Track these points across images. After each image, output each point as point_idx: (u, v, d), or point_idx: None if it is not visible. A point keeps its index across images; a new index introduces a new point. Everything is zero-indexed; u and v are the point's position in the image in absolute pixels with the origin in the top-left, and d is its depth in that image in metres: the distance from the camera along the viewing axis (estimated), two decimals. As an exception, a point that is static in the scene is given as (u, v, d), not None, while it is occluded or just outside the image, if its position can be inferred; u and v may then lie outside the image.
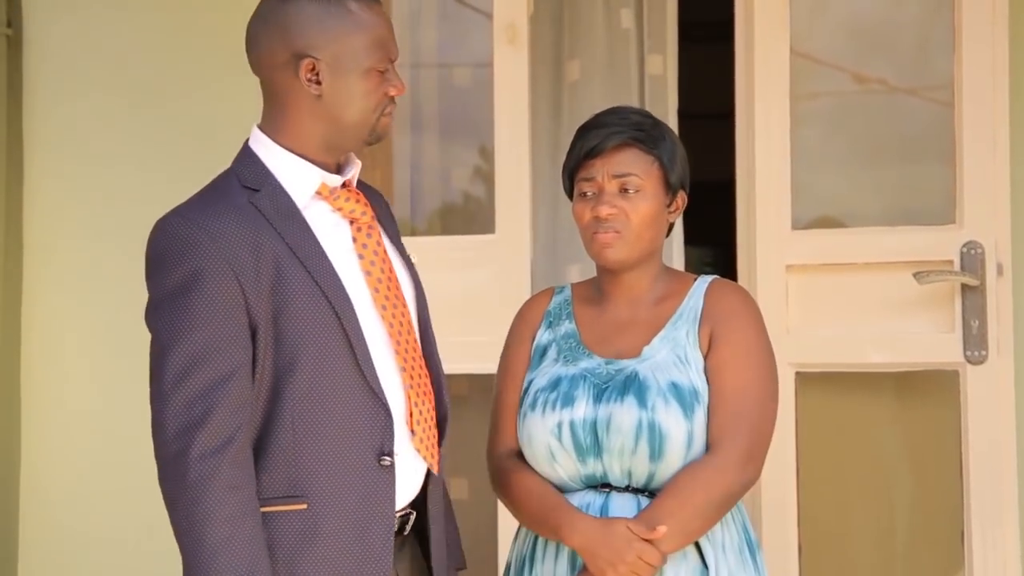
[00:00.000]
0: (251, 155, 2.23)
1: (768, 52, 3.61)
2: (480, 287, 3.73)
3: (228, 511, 2.05)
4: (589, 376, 2.48)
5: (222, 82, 3.94)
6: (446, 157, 4.25)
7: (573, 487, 2.47)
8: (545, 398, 2.48)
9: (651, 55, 3.98)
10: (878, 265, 3.53)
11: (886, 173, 3.83)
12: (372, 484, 2.17)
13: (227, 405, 2.07)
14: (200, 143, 3.95)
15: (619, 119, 2.53)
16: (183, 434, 2.05)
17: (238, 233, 2.11)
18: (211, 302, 2.07)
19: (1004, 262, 3.43)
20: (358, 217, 2.26)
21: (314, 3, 2.18)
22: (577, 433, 2.44)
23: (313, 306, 2.14)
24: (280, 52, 2.19)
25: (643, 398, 2.41)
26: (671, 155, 2.53)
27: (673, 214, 2.56)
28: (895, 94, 3.88)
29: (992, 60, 3.44)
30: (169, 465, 2.07)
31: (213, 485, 2.04)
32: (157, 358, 2.10)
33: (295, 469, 2.13)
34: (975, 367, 3.43)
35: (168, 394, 2.07)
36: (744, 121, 3.67)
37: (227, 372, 2.07)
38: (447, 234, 4.22)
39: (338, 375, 2.15)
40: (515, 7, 3.74)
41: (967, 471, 3.43)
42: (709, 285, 2.55)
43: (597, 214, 2.48)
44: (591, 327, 2.56)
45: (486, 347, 3.68)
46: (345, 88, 2.19)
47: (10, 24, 4.06)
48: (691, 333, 2.48)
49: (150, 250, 2.15)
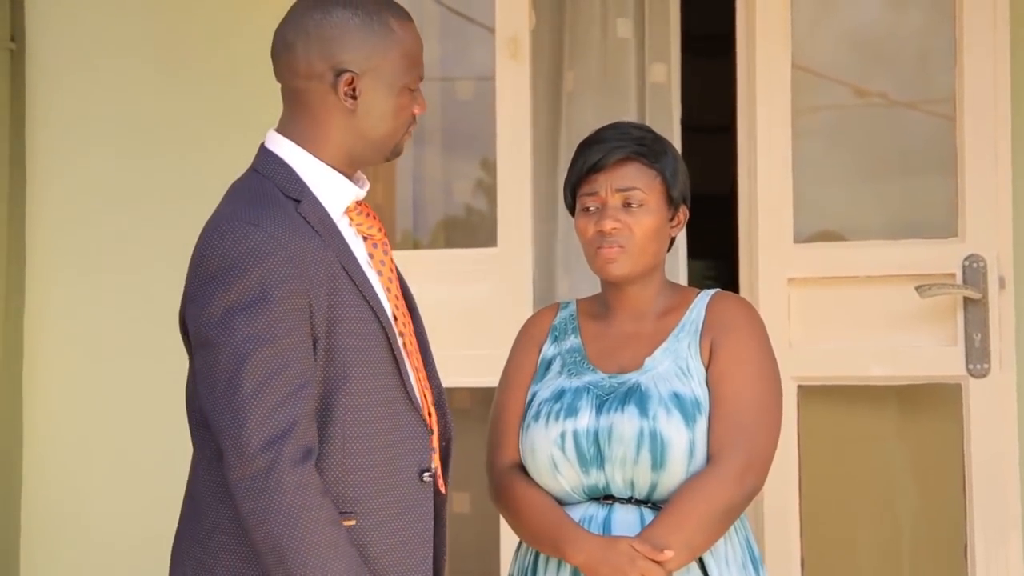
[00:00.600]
0: (280, 163, 2.18)
1: (769, 65, 3.62)
2: (482, 300, 3.73)
3: (328, 515, 2.03)
4: (592, 388, 2.48)
5: (223, 98, 3.94)
6: (448, 170, 4.25)
7: (576, 499, 2.47)
8: (548, 409, 2.49)
9: (654, 64, 3.98)
10: (880, 278, 3.53)
11: (888, 186, 3.83)
12: (414, 501, 2.17)
13: (307, 414, 2.04)
14: (200, 158, 3.96)
15: (620, 134, 2.53)
16: (271, 445, 1.99)
17: (301, 243, 2.07)
18: (286, 311, 2.03)
19: (1006, 275, 3.43)
20: (373, 234, 2.24)
21: (357, 17, 2.15)
22: (580, 443, 2.44)
23: (363, 320, 2.13)
24: (318, 64, 2.15)
25: (644, 407, 2.41)
26: (673, 170, 2.53)
27: (675, 228, 2.57)
28: (896, 107, 3.88)
29: (993, 73, 3.45)
30: (258, 478, 2.00)
31: (310, 491, 2.01)
32: (230, 368, 2.01)
33: (344, 484, 2.10)
34: (977, 380, 3.42)
35: (248, 405, 2.00)
36: (746, 134, 3.68)
37: (303, 382, 2.04)
38: (449, 247, 4.22)
39: (385, 390, 2.14)
40: (517, 21, 3.75)
41: (970, 484, 3.43)
42: (711, 298, 2.55)
43: (601, 228, 2.48)
44: (596, 342, 2.57)
45: (488, 360, 3.68)
46: (379, 105, 2.18)
47: (13, 39, 4.07)
48: (692, 344, 2.48)
49: (211, 255, 2.06)
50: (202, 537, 2.13)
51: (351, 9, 2.16)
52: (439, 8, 4.24)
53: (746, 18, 3.68)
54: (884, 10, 3.91)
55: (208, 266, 2.06)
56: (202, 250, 2.08)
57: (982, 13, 3.46)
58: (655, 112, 3.98)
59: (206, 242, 2.08)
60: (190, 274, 2.11)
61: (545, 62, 4.08)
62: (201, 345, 2.07)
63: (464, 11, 4.24)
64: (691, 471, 2.40)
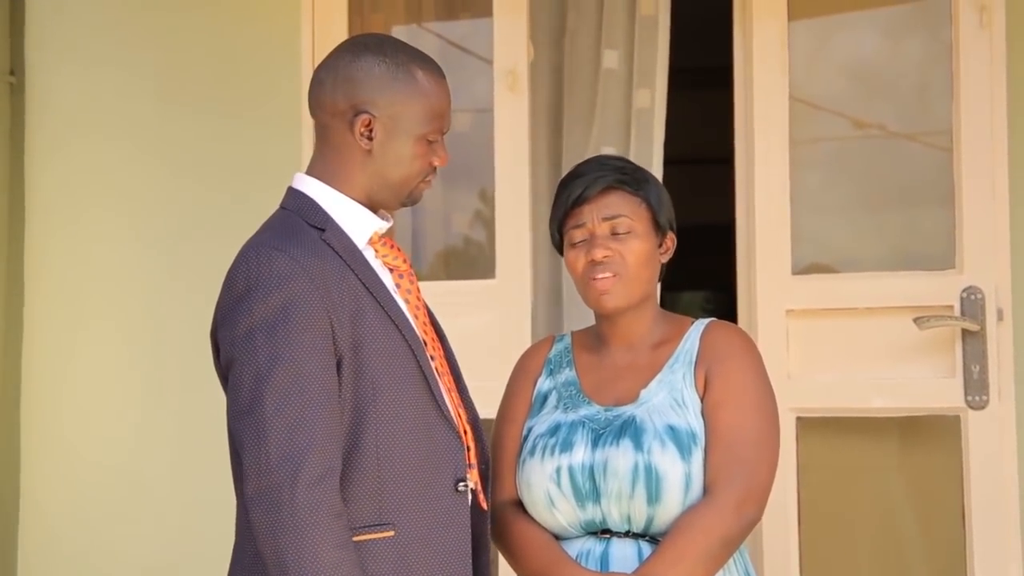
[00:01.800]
0: (305, 198, 2.28)
1: (767, 97, 3.63)
2: (481, 332, 3.73)
3: (337, 538, 2.07)
4: (588, 422, 2.47)
5: (224, 125, 3.96)
6: (447, 202, 4.25)
7: (573, 534, 2.46)
8: (544, 443, 2.48)
9: (639, 90, 3.98)
10: (878, 310, 3.53)
11: (886, 218, 3.83)
12: (451, 510, 2.23)
13: (328, 433, 2.10)
14: (201, 190, 3.98)
15: (600, 165, 2.55)
16: (288, 461, 2.05)
17: (323, 267, 2.17)
18: (308, 330, 2.11)
19: (1004, 307, 3.43)
20: (398, 265, 2.33)
21: (383, 64, 2.26)
22: (576, 478, 2.43)
23: (390, 339, 2.20)
24: (341, 102, 2.26)
25: (639, 441, 2.40)
26: (657, 196, 2.54)
27: (664, 255, 2.57)
28: (894, 139, 3.89)
29: (991, 106, 3.46)
30: (272, 492, 2.05)
31: (323, 512, 2.06)
32: (252, 386, 2.09)
33: (380, 497, 2.16)
34: (976, 412, 3.42)
35: (269, 421, 2.07)
36: (744, 166, 3.69)
37: (324, 399, 2.11)
38: (448, 279, 4.22)
39: (416, 403, 2.22)
40: (515, 54, 3.77)
41: (969, 516, 3.42)
42: (706, 327, 2.55)
43: (592, 257, 2.48)
44: (591, 374, 2.56)
45: (486, 392, 3.66)
46: (394, 149, 2.27)
47: (13, 72, 4.09)
48: (687, 375, 2.48)
49: (239, 278, 2.15)
50: (247, 564, 2.19)
51: (381, 56, 2.27)
52: (438, 41, 4.25)
53: (744, 50, 3.69)
54: (881, 42, 3.92)
55: (234, 290, 2.16)
56: (230, 275, 2.19)
57: (979, 46, 3.47)
58: (639, 137, 3.97)
59: (234, 268, 2.18)
60: (220, 299, 2.20)
61: (543, 94, 4.08)
62: (228, 365, 2.16)
63: (463, 44, 4.25)
64: (688, 503, 2.39)
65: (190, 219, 3.96)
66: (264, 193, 2.63)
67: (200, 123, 3.98)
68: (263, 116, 3.94)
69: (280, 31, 3.92)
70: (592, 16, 4.06)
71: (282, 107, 3.89)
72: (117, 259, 4.03)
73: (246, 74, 3.97)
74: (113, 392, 4.00)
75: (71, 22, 4.12)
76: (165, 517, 3.92)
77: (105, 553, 3.97)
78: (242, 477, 2.10)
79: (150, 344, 3.97)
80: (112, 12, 4.10)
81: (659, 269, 2.57)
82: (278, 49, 3.92)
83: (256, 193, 3.32)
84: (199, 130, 3.99)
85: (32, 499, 4.04)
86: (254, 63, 3.97)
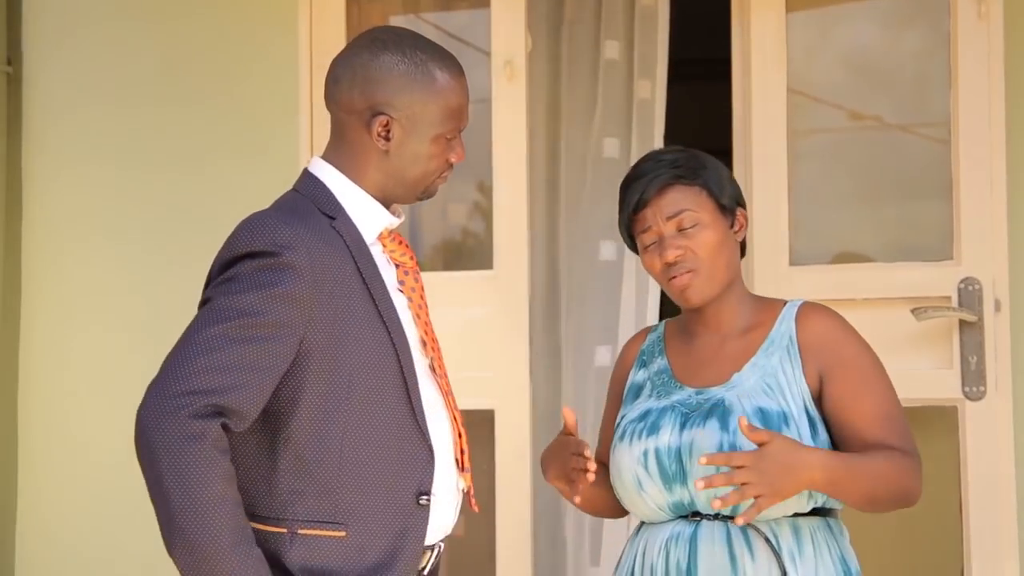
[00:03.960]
0: (319, 184, 2.26)
1: (766, 89, 3.63)
2: (479, 323, 3.74)
3: (225, 472, 2.03)
4: (678, 406, 2.49)
5: (220, 120, 3.96)
6: (445, 193, 4.24)
7: (663, 517, 2.47)
8: (633, 428, 2.50)
9: (640, 80, 3.98)
10: (876, 301, 3.53)
11: (884, 209, 3.83)
12: (407, 522, 2.19)
13: (248, 395, 2.06)
14: (199, 179, 3.97)
15: (654, 164, 2.54)
16: (193, 395, 2.01)
17: (327, 252, 2.15)
18: (285, 301, 2.08)
19: (1002, 298, 3.43)
20: (405, 262, 2.31)
21: (402, 64, 2.23)
22: (662, 460, 2.44)
23: (375, 339, 2.17)
24: (358, 101, 2.23)
25: (726, 422, 2.40)
26: (716, 178, 2.52)
27: (739, 233, 2.55)
28: (892, 131, 3.89)
29: (988, 97, 3.46)
30: (166, 416, 2.01)
31: (207, 443, 2.01)
32: (205, 321, 2.06)
33: (337, 497, 2.14)
34: (973, 403, 3.42)
35: (201, 351, 2.03)
36: (742, 158, 3.68)
37: (266, 364, 2.07)
38: (446, 270, 4.22)
39: (390, 410, 2.18)
40: (513, 44, 3.77)
41: (966, 507, 3.42)
42: (799, 310, 2.52)
43: (665, 260, 2.49)
44: (682, 360, 2.57)
45: (485, 383, 3.70)
46: (412, 149, 2.25)
47: (10, 62, 4.08)
48: (787, 361, 2.46)
49: (239, 243, 2.13)
50: None
51: (399, 55, 2.24)
52: (436, 32, 4.25)
53: (742, 42, 3.69)
54: (880, 34, 3.92)
55: (232, 252, 2.13)
56: (231, 240, 2.15)
57: (977, 37, 3.47)
58: (640, 128, 3.98)
59: (235, 234, 2.15)
60: (214, 262, 2.17)
61: (542, 85, 4.08)
62: (201, 305, 2.13)
63: (461, 34, 4.25)
64: None
65: (189, 213, 3.95)
66: (263, 186, 2.63)
67: (198, 113, 3.98)
68: (263, 105, 3.94)
69: (278, 20, 3.91)
70: (591, 6, 4.06)
71: (280, 98, 3.89)
72: (115, 252, 4.02)
73: (244, 63, 3.97)
74: (111, 389, 3.99)
75: (68, 11, 4.11)
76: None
77: (103, 550, 3.96)
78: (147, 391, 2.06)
79: (148, 339, 3.93)
80: (109, 1, 4.10)
81: (737, 250, 2.56)
82: (276, 38, 3.91)
83: (254, 186, 3.32)
84: (197, 121, 3.98)
85: (30, 496, 4.03)
86: (252, 52, 3.97)
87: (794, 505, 2.40)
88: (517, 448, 3.70)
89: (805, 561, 2.40)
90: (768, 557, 2.38)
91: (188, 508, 1.99)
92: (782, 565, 2.38)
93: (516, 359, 3.73)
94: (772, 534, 2.40)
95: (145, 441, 2.04)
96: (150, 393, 2.06)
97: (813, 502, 2.42)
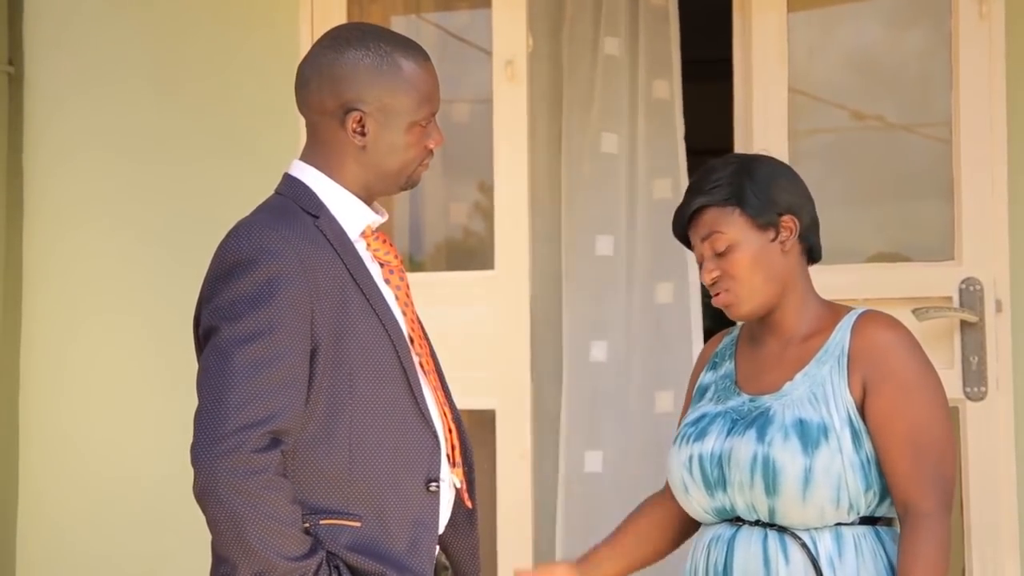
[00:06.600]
0: (300, 185, 2.28)
1: (767, 89, 3.63)
2: (480, 323, 3.74)
3: (289, 494, 2.07)
4: (730, 413, 2.51)
5: (220, 120, 3.96)
6: (446, 193, 4.25)
7: (710, 519, 2.52)
8: (685, 432, 2.54)
9: (655, 81, 3.98)
10: (877, 301, 3.50)
11: (885, 210, 3.83)
12: (420, 509, 2.22)
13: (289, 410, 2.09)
14: (198, 178, 3.97)
15: (696, 184, 2.55)
16: (243, 430, 2.04)
17: (313, 252, 2.17)
18: (290, 311, 2.10)
19: (1003, 298, 3.43)
20: (389, 260, 2.32)
21: (367, 58, 2.24)
22: (705, 466, 2.48)
23: (372, 331, 2.20)
24: (329, 101, 2.25)
25: (763, 433, 2.42)
26: (755, 191, 2.49)
27: (787, 241, 2.51)
28: (893, 131, 3.89)
29: (990, 97, 3.46)
30: (227, 457, 2.03)
31: (271, 473, 2.05)
32: (224, 352, 2.08)
33: (349, 488, 2.16)
34: (975, 403, 3.42)
35: (232, 388, 2.05)
36: (743, 158, 3.68)
37: (291, 380, 2.10)
38: (447, 270, 4.22)
39: (393, 399, 2.21)
40: (514, 44, 3.76)
41: (967, 507, 3.42)
42: (857, 320, 2.50)
43: (703, 281, 2.54)
44: (747, 366, 2.59)
45: (485, 382, 3.70)
46: (388, 141, 2.26)
47: (11, 62, 4.09)
48: (835, 371, 2.45)
49: (227, 254, 2.15)
50: None
51: (363, 49, 2.24)
52: (437, 31, 4.25)
53: (743, 42, 3.69)
54: (881, 34, 3.92)
55: (223, 264, 2.15)
56: (219, 250, 2.18)
57: (979, 37, 3.47)
58: (658, 129, 3.98)
59: (223, 244, 2.17)
60: (208, 273, 2.19)
61: (543, 84, 4.08)
62: (208, 334, 2.14)
63: (462, 34, 4.25)
64: (807, 498, 2.38)
65: (189, 211, 3.95)
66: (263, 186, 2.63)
67: (198, 112, 3.98)
68: (259, 105, 3.94)
69: (278, 21, 3.91)
70: (591, 3, 4.06)
71: (280, 98, 3.86)
72: (116, 251, 4.03)
73: (244, 63, 3.97)
74: (112, 389, 4.00)
75: (69, 11, 4.12)
76: (164, 514, 3.91)
77: (104, 549, 3.97)
78: (194, 437, 2.07)
79: (149, 340, 3.97)
80: (109, 1, 4.10)
81: (783, 259, 2.51)
82: (277, 39, 3.91)
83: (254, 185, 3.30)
84: (197, 120, 3.98)
85: (31, 496, 4.04)
86: (253, 53, 3.97)
87: (833, 516, 2.41)
88: (518, 448, 3.70)
89: (845, 566, 2.40)
90: (804, 561, 2.40)
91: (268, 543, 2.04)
92: (819, 569, 2.39)
93: (517, 359, 3.73)
94: (811, 540, 2.41)
95: (211, 488, 2.04)
96: (200, 440, 2.06)
97: (855, 512, 2.42)
